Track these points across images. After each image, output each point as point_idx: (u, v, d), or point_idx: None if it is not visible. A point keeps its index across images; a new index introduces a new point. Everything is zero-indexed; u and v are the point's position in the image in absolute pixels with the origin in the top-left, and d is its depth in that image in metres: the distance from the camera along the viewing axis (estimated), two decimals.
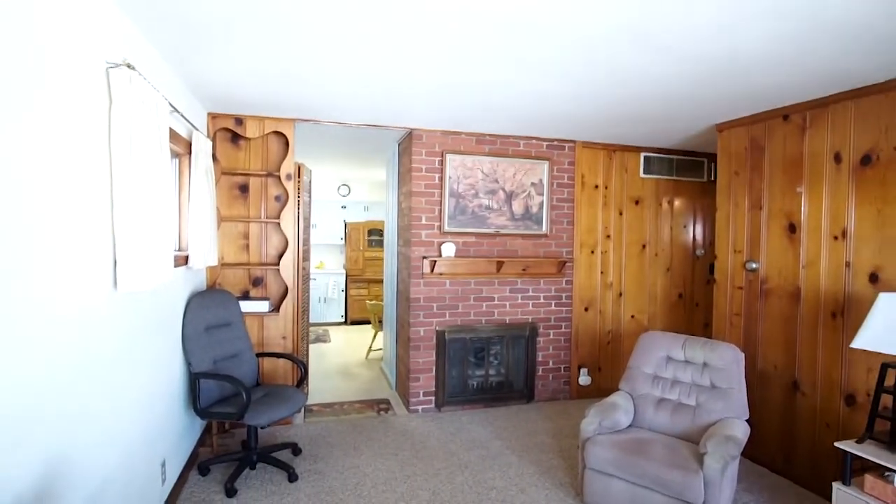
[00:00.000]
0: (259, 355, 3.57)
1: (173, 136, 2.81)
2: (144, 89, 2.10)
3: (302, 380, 3.49)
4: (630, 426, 3.05)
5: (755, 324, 3.53)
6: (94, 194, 1.85)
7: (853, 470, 2.47)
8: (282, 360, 3.98)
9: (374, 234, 8.64)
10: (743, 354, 2.99)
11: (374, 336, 6.27)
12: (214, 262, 3.49)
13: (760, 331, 3.48)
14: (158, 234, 2.22)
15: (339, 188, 8.63)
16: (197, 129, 3.13)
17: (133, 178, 1.99)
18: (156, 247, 2.18)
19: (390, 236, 5.19)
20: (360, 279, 8.46)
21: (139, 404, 2.34)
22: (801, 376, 3.18)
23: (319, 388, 4.93)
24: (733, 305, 3.69)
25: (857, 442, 2.46)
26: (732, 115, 3.60)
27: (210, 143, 3.45)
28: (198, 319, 3.13)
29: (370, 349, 6.24)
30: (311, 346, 6.79)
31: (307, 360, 4.56)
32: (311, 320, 8.12)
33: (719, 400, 2.89)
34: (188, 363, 3.06)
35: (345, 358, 6.25)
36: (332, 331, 7.91)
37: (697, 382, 3.03)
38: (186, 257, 3.12)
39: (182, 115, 2.82)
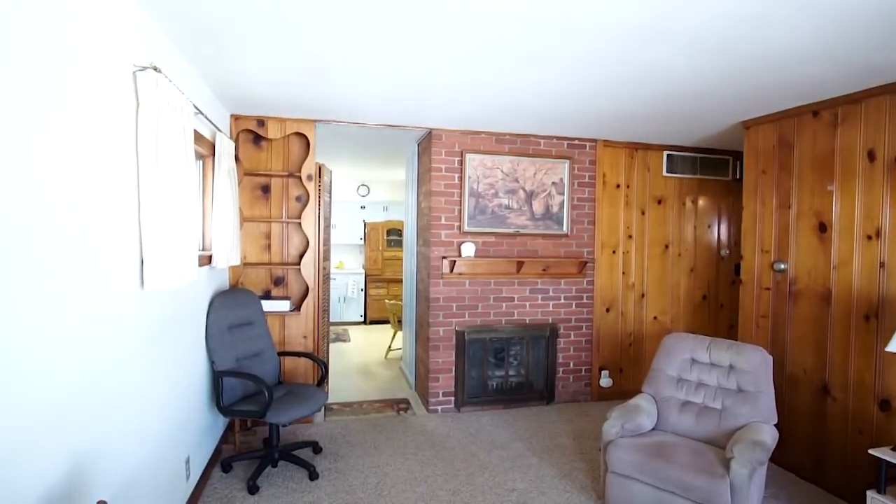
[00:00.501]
0: (280, 354, 3.61)
1: (198, 137, 2.85)
2: (170, 91, 2.13)
3: (322, 379, 3.51)
4: (653, 429, 3.00)
5: (783, 326, 3.43)
6: (122, 195, 1.88)
7: (888, 478, 2.39)
8: (303, 359, 4.01)
9: (393, 234, 8.67)
10: (771, 357, 2.91)
11: (394, 336, 6.29)
12: (237, 262, 3.54)
13: (789, 333, 3.39)
14: (183, 234, 2.25)
15: (358, 188, 8.69)
16: (220, 131, 3.17)
17: (159, 178, 2.02)
18: (181, 247, 2.21)
19: (409, 236, 5.19)
20: (379, 279, 8.50)
21: (164, 402, 2.38)
22: (832, 380, 3.09)
23: (339, 387, 4.96)
24: (760, 307, 3.60)
25: (892, 449, 2.38)
26: (760, 111, 3.51)
27: (233, 145, 3.49)
28: (221, 318, 3.18)
29: (389, 349, 6.26)
30: (332, 346, 6.84)
31: (327, 359, 4.60)
32: (330, 320, 8.18)
33: (746, 404, 2.81)
34: (211, 361, 3.10)
35: (364, 357, 6.28)
36: (352, 330, 7.96)
37: (723, 385, 2.96)
38: (210, 257, 3.17)
39: (206, 117, 2.86)
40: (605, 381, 4.68)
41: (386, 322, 8.09)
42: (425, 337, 4.39)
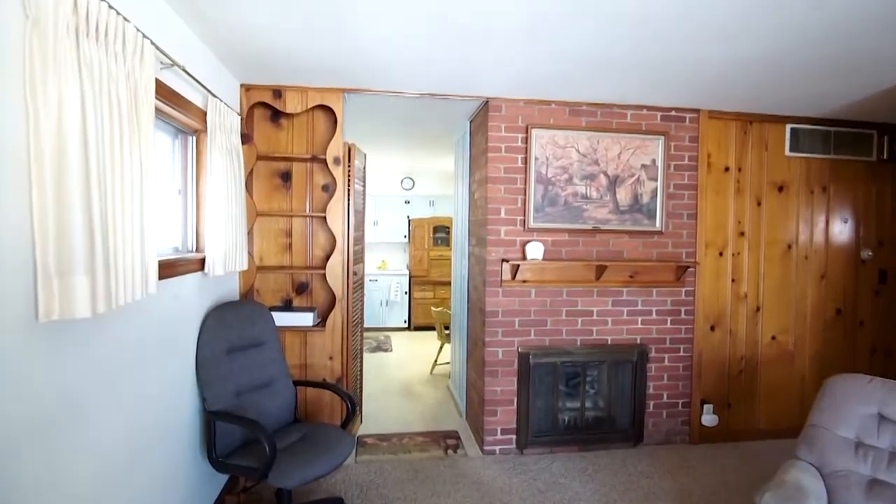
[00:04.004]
0: (297, 384, 2.84)
1: (176, 100, 2.11)
2: (97, 10, 1.37)
3: (349, 418, 2.72)
4: None
5: None
6: None
7: None
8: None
9: (441, 231, 7.86)
10: None
11: (440, 348, 5.47)
12: (243, 266, 2.80)
13: None
14: (129, 233, 1.49)
15: (402, 181, 7.92)
16: (215, 97, 2.42)
17: (67, 143, 1.26)
18: (122, 253, 1.45)
19: (459, 234, 4.35)
20: (424, 281, 7.71)
21: (123, 460, 1.64)
22: None
23: (376, 410, 4.18)
24: None
25: None
26: None
27: (235, 118, 2.75)
28: (216, 340, 2.44)
29: (435, 363, 5.44)
30: (371, 356, 6.11)
31: (360, 381, 3.82)
32: (372, 325, 7.48)
33: None
34: (202, 398, 2.37)
35: (407, 372, 5.50)
36: (395, 337, 7.21)
37: None
38: (202, 261, 2.43)
39: (188, 73, 2.10)
40: (709, 418, 3.66)
41: (432, 328, 7.28)
42: (479, 359, 3.53)
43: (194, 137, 2.54)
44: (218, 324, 2.47)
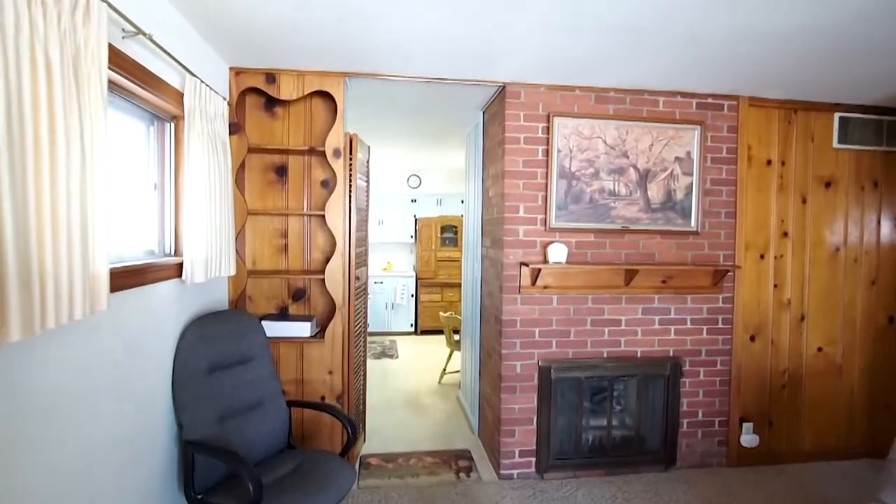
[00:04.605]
0: (291, 404, 2.52)
1: (144, 76, 1.79)
2: None
3: (349, 445, 2.39)
4: None
5: None
6: None
7: None
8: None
9: (448, 231, 7.52)
10: None
11: (449, 356, 5.13)
12: (230, 271, 2.48)
13: None
14: (56, 235, 1.17)
15: (408, 179, 7.59)
16: (195, 76, 2.10)
17: None
18: (49, 259, 1.13)
19: (471, 235, 4.01)
20: (432, 283, 7.37)
21: None
22: None
23: (380, 427, 3.86)
24: None
25: None
26: None
27: (222, 104, 2.43)
28: (196, 358, 2.12)
29: (444, 371, 5.11)
30: (375, 363, 5.78)
31: (363, 396, 3.49)
32: (376, 329, 7.16)
33: None
34: (178, 424, 2.05)
35: (414, 381, 5.16)
36: (401, 342, 6.88)
37: None
38: (180, 266, 2.11)
39: (155, 43, 1.78)
40: (748, 438, 3.31)
41: (440, 332, 6.94)
42: (495, 373, 3.20)
43: (172, 125, 2.22)
44: (198, 339, 2.15)
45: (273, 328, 2.83)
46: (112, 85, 1.70)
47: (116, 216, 1.88)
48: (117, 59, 1.60)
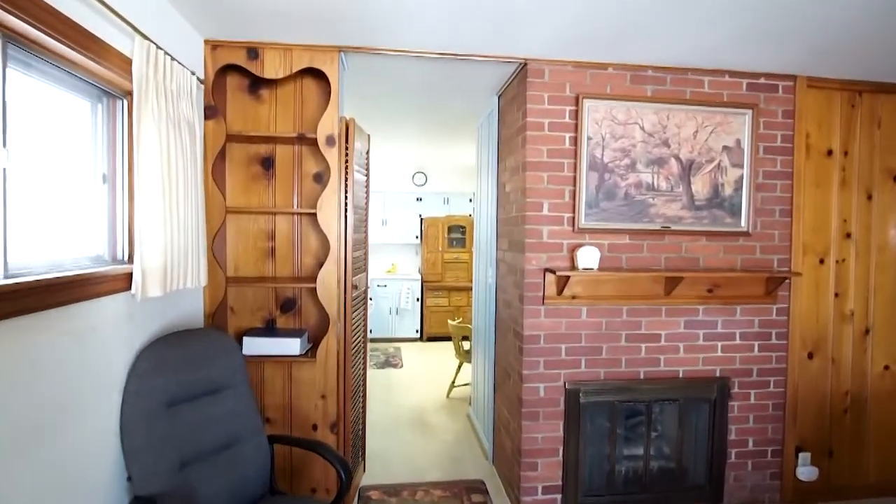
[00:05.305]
0: (274, 441, 2.10)
1: (78, 37, 1.38)
2: None
3: (343, 492, 1.96)
4: None
5: None
6: None
7: None
8: (318, 438, 2.50)
9: (456, 231, 7.10)
10: None
11: (458, 368, 4.71)
12: (201, 281, 2.07)
13: None
14: None
15: (413, 176, 7.17)
16: (148, 39, 1.69)
17: None
18: None
19: (483, 236, 3.59)
20: (438, 287, 6.95)
21: None
22: None
23: (383, 450, 3.44)
24: None
25: None
26: None
27: (191, 80, 2.01)
28: (151, 390, 1.70)
29: (453, 384, 4.68)
30: (378, 373, 5.37)
31: (363, 421, 3.07)
32: (380, 335, 6.76)
33: None
34: (128, 476, 1.64)
35: (420, 394, 4.75)
36: (405, 349, 6.46)
37: None
38: (129, 277, 1.70)
39: None
40: (805, 470, 2.87)
41: (446, 339, 6.53)
42: (514, 396, 2.77)
43: (125, 102, 1.81)
44: (155, 366, 1.73)
45: (256, 345, 2.42)
46: (27, 43, 1.29)
47: (49, 214, 1.48)
48: (34, 10, 1.19)
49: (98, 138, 1.77)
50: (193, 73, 2.05)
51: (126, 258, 1.82)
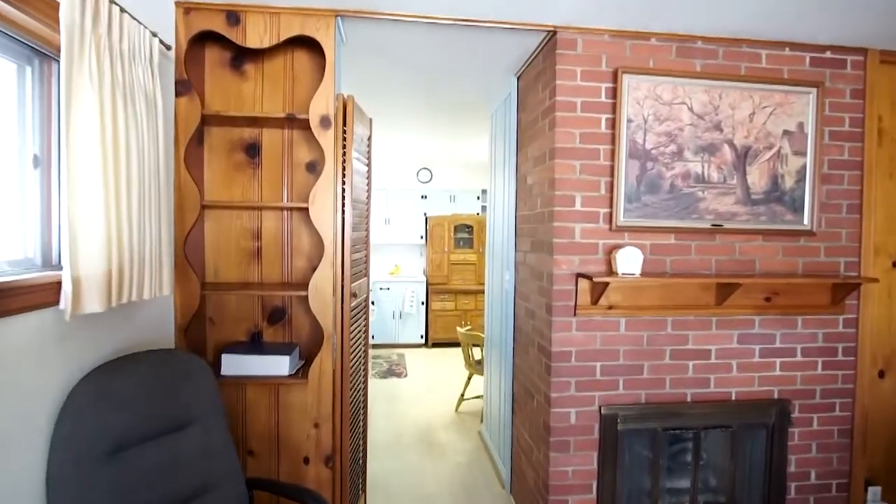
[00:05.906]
0: (253, 486, 1.72)
1: None
2: None
3: None
4: None
5: None
6: None
7: None
8: (311, 474, 2.12)
9: (463, 231, 6.72)
10: None
11: (468, 380, 4.32)
12: (165, 290, 1.69)
13: None
14: None
15: (418, 173, 6.79)
16: None
17: None
18: None
19: (499, 235, 3.21)
20: (444, 289, 6.57)
21: None
22: None
23: (386, 475, 3.07)
24: None
25: None
26: None
27: (149, 39, 1.63)
28: (90, 431, 1.32)
29: (462, 397, 4.30)
30: (380, 383, 4.99)
31: (363, 448, 2.69)
32: (383, 341, 6.39)
33: None
34: None
35: (426, 407, 4.37)
36: (410, 356, 6.08)
37: None
38: (58, 286, 1.32)
39: None
40: None
41: (453, 345, 6.15)
42: (539, 421, 2.38)
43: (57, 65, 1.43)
44: (97, 400, 1.35)
45: (237, 364, 2.04)
46: None
47: None
48: None
49: (27, 110, 1.40)
50: (155, 35, 1.67)
51: (45, 263, 1.44)
